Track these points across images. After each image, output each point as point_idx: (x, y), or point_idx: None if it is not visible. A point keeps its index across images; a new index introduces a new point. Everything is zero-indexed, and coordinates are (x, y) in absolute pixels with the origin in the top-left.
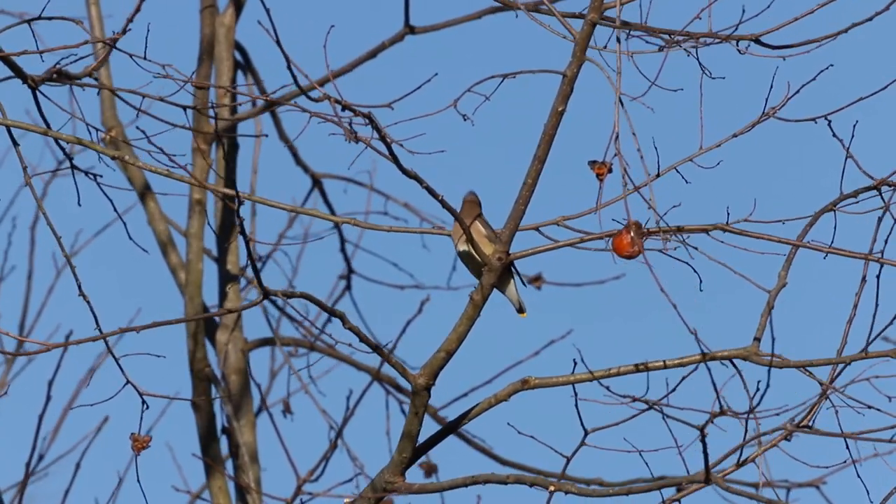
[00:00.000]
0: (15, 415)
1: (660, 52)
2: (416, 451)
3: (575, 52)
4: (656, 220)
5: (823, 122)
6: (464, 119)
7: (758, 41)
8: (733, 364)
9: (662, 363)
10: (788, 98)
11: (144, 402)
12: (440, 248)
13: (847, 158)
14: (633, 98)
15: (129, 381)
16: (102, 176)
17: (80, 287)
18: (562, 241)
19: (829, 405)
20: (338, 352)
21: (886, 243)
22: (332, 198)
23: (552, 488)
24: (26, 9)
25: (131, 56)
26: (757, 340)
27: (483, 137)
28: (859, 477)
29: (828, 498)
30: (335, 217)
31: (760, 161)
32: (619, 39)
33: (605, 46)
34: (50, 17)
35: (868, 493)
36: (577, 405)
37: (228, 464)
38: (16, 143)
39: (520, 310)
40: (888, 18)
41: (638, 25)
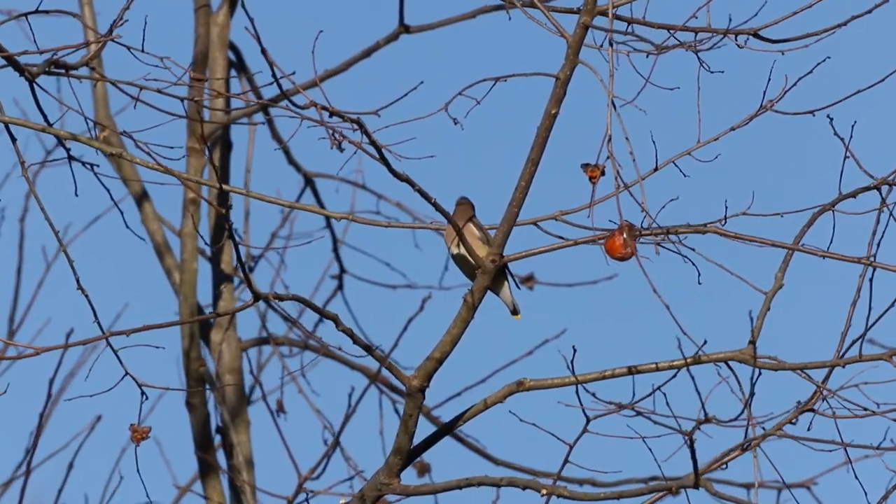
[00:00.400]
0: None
1: (656, 50)
2: (410, 453)
3: (568, 55)
4: (649, 221)
5: (822, 116)
6: (454, 123)
7: (757, 35)
8: (728, 366)
9: (655, 366)
10: (786, 91)
11: (143, 392)
12: (432, 248)
13: (846, 158)
14: (626, 102)
15: (127, 373)
16: (99, 165)
17: (78, 281)
18: (555, 244)
19: (826, 407)
20: (331, 351)
21: (879, 246)
22: (324, 197)
23: (545, 492)
24: (21, 3)
25: (129, 49)
26: (752, 343)
27: (476, 140)
28: (857, 478)
29: (819, 499)
30: (332, 212)
31: (759, 155)
32: (611, 43)
33: (600, 46)
34: (46, 12)
35: (866, 495)
36: (577, 394)
37: (223, 463)
38: (13, 139)
39: (514, 312)
40: (887, 11)
41: (635, 20)
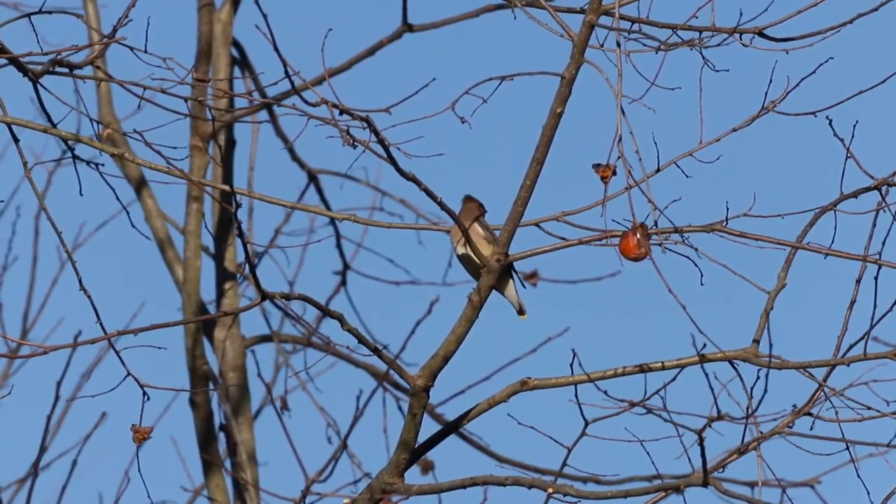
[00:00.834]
0: (16, 412)
1: (661, 50)
2: (414, 453)
3: (573, 55)
4: (655, 217)
5: (823, 116)
6: (461, 122)
7: (761, 34)
8: (733, 365)
9: (661, 364)
10: (788, 92)
11: (145, 393)
12: (436, 245)
13: (847, 158)
14: (633, 100)
15: (129, 374)
16: (104, 165)
17: (80, 282)
18: (560, 244)
19: (829, 406)
20: (336, 349)
21: (883, 245)
22: (328, 194)
23: (551, 490)
24: (25, 3)
25: (132, 49)
26: (756, 342)
27: (481, 138)
28: (859, 477)
29: (823, 498)
30: (335, 213)
31: (761, 156)
32: (618, 43)
33: (602, 45)
34: (49, 12)
35: (868, 494)
36: (576, 396)
37: (226, 462)
38: (16, 139)
39: (520, 311)
40: (890, 12)
41: (640, 20)
